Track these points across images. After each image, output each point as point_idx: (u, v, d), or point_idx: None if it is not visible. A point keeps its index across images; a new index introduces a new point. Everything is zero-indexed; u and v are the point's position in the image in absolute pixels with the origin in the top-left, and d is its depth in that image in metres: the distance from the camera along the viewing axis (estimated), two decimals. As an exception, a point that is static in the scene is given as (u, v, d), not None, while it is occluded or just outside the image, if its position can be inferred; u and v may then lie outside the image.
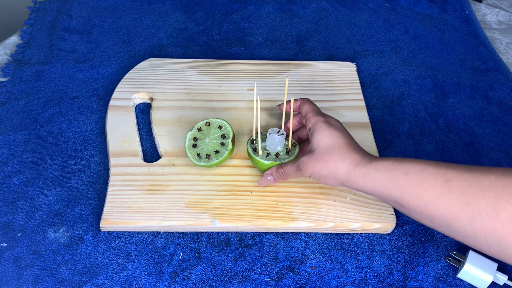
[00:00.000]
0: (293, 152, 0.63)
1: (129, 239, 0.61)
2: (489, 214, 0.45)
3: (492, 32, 0.98)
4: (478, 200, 0.46)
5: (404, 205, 0.52)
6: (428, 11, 1.01)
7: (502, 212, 0.44)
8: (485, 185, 0.46)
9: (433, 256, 0.60)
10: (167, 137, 0.70)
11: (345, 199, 0.63)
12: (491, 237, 0.46)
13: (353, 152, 0.56)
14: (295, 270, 0.58)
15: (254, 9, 0.99)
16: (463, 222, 0.47)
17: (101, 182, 0.66)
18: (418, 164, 0.51)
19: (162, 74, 0.80)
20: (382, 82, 0.84)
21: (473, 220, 0.47)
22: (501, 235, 0.45)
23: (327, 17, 0.98)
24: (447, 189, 0.48)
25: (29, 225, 0.61)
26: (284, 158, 0.63)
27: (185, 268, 0.58)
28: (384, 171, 0.53)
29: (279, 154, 0.63)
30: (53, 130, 0.73)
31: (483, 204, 0.46)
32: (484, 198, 0.46)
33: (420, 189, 0.50)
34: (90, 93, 0.79)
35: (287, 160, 0.62)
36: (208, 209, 0.61)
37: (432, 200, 0.49)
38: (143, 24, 0.94)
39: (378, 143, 0.72)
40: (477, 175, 0.47)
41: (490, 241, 0.46)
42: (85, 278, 0.57)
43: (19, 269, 0.57)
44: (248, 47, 0.90)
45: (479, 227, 0.46)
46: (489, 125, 0.77)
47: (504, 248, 0.45)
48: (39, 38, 0.89)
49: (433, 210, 0.49)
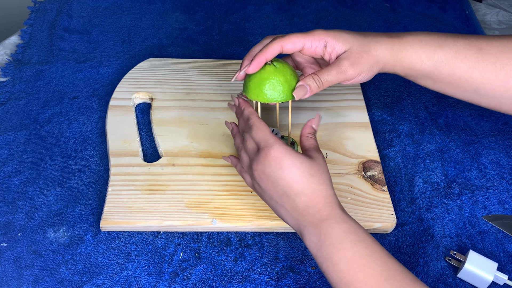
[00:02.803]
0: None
1: (129, 239, 0.61)
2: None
3: (492, 32, 0.98)
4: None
5: (436, 78, 0.56)
6: (428, 11, 1.01)
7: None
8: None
9: (433, 256, 0.60)
10: (167, 137, 0.70)
11: (345, 199, 0.63)
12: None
13: (378, 36, 0.57)
14: (295, 270, 0.58)
15: (254, 9, 0.99)
16: (495, 84, 0.53)
17: (101, 182, 0.66)
18: (449, 37, 0.55)
19: (162, 74, 0.80)
20: (382, 82, 0.84)
21: (506, 82, 0.53)
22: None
23: (327, 17, 0.98)
24: (481, 56, 0.53)
25: (29, 225, 0.61)
26: None
27: (185, 268, 0.58)
28: (419, 47, 0.55)
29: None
30: (53, 130, 0.73)
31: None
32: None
33: (456, 60, 0.54)
34: (90, 93, 0.79)
35: None
36: (208, 209, 0.61)
37: (467, 69, 0.54)
38: (143, 24, 0.94)
39: (378, 143, 0.72)
40: (506, 41, 0.53)
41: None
42: (85, 278, 0.57)
43: (19, 269, 0.57)
44: (248, 47, 0.90)
45: (511, 87, 0.53)
46: (489, 125, 0.77)
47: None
48: (39, 38, 0.89)
49: (466, 78, 0.54)
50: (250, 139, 0.54)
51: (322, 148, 0.69)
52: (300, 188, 0.50)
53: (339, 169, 0.67)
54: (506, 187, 0.68)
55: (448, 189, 0.67)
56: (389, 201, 0.63)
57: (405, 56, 0.56)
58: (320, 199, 0.50)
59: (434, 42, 0.55)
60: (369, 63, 0.55)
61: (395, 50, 0.56)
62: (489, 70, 0.54)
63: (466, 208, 0.65)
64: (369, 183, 0.65)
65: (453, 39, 0.55)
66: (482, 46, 0.54)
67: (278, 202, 0.51)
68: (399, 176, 0.69)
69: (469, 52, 0.54)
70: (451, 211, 0.65)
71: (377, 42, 0.56)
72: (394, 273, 0.45)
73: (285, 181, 0.50)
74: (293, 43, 0.55)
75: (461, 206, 0.65)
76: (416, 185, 0.68)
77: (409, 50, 0.55)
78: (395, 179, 0.68)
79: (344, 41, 0.55)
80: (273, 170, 0.50)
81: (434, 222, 0.64)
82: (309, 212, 0.49)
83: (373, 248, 0.47)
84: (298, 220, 0.50)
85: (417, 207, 0.65)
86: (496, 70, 0.54)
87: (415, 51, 0.55)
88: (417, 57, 0.55)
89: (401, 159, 0.71)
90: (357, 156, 0.68)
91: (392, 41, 0.56)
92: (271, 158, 0.51)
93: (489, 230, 0.63)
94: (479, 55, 0.54)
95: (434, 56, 0.55)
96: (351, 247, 0.46)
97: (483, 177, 0.69)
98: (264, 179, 0.51)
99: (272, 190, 0.51)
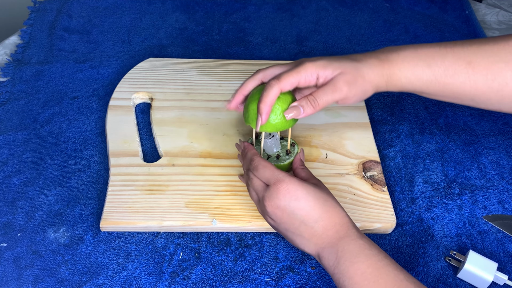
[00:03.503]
0: (293, 153, 0.63)
1: (129, 239, 0.61)
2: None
3: (492, 32, 0.98)
4: (504, 72, 0.52)
5: (429, 94, 0.57)
6: (428, 11, 1.01)
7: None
8: (508, 58, 0.51)
9: (433, 256, 0.60)
10: (167, 137, 0.70)
11: (345, 199, 0.63)
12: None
13: (367, 58, 0.57)
14: (295, 270, 0.58)
15: (254, 9, 0.99)
16: (490, 95, 0.53)
17: (101, 182, 0.66)
18: (437, 53, 0.55)
19: (162, 74, 0.80)
20: (382, 82, 0.84)
21: (501, 91, 0.53)
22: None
23: (327, 17, 0.98)
24: (471, 70, 0.53)
25: (29, 225, 0.61)
26: (285, 159, 0.63)
27: (185, 268, 0.58)
28: (408, 68, 0.56)
29: (280, 156, 0.63)
30: (53, 130, 0.73)
31: (510, 75, 0.51)
32: (510, 70, 0.51)
33: (445, 78, 0.54)
34: (90, 93, 0.79)
35: (288, 161, 0.62)
36: (208, 209, 0.61)
37: (459, 84, 0.54)
38: (143, 24, 0.94)
39: (378, 143, 0.72)
40: (496, 49, 0.52)
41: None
42: (85, 278, 0.57)
43: (19, 269, 0.57)
44: (248, 47, 0.90)
45: (506, 95, 0.53)
46: (489, 125, 0.77)
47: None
48: (39, 38, 0.89)
49: (459, 92, 0.54)
50: (256, 179, 0.55)
51: (322, 148, 0.69)
52: (318, 214, 0.51)
53: (339, 169, 0.67)
54: (506, 187, 0.68)
55: (448, 189, 0.67)
56: (389, 202, 0.63)
57: (395, 79, 0.56)
58: (337, 220, 0.51)
59: (422, 62, 0.55)
60: (364, 87, 0.56)
61: (386, 74, 0.56)
62: (481, 82, 0.53)
63: (466, 208, 0.65)
64: (369, 183, 0.65)
65: (441, 56, 0.55)
66: (471, 59, 0.53)
67: (295, 233, 0.52)
68: (399, 176, 0.69)
69: (458, 68, 0.54)
70: (451, 211, 0.65)
71: (369, 68, 0.56)
72: (406, 283, 0.47)
73: (303, 211, 0.51)
74: (290, 84, 0.56)
75: (461, 206, 0.65)
76: (416, 185, 0.68)
77: (398, 73, 0.56)
78: (395, 179, 0.68)
79: (334, 68, 0.55)
80: (289, 202, 0.51)
81: (434, 222, 0.63)
82: (328, 234, 0.51)
83: (386, 261, 0.49)
84: (316, 244, 0.51)
85: (417, 207, 0.65)
86: (488, 82, 0.53)
87: (403, 75, 0.56)
88: (407, 80, 0.56)
89: (401, 159, 0.71)
90: (357, 157, 0.68)
91: (382, 65, 0.56)
92: (284, 191, 0.52)
93: (489, 230, 0.63)
94: (469, 69, 0.53)
95: (423, 76, 0.55)
96: (365, 260, 0.48)
97: (483, 177, 0.69)
98: (279, 213, 0.52)
99: (288, 222, 0.52)
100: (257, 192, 0.55)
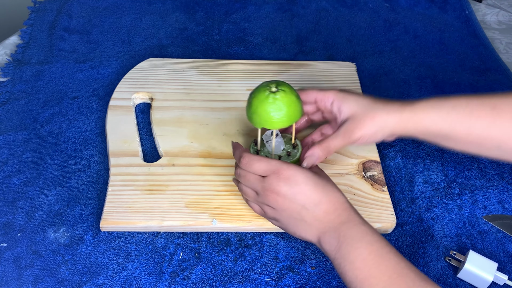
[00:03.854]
0: (294, 154, 0.63)
1: (129, 239, 0.61)
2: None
3: (492, 32, 0.98)
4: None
5: (454, 138, 0.56)
6: (428, 11, 1.01)
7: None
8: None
9: (433, 256, 0.60)
10: (167, 137, 0.70)
11: (345, 199, 0.63)
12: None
13: (390, 103, 0.58)
14: (295, 270, 0.58)
15: (254, 9, 0.99)
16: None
17: (101, 182, 0.66)
18: (462, 98, 0.56)
19: (162, 74, 0.80)
20: (382, 82, 0.84)
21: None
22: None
23: (327, 17, 0.98)
24: (496, 114, 0.53)
25: (29, 225, 0.61)
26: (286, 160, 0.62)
27: (185, 268, 0.58)
28: (432, 110, 0.56)
29: (281, 157, 0.63)
30: (53, 130, 0.73)
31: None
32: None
33: (470, 120, 0.54)
34: (90, 93, 0.79)
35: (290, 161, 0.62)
36: (208, 209, 0.61)
37: (484, 128, 0.53)
38: (143, 24, 0.94)
39: (378, 143, 0.72)
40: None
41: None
42: (85, 278, 0.57)
43: (19, 269, 0.57)
44: (248, 47, 0.90)
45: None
46: (489, 125, 0.76)
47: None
48: (39, 38, 0.89)
49: (484, 137, 0.54)
50: (250, 174, 0.55)
51: (322, 148, 0.69)
52: (318, 198, 0.52)
53: (339, 169, 0.67)
54: (506, 187, 0.68)
55: (448, 189, 0.67)
56: (389, 201, 0.63)
57: (418, 120, 0.56)
58: (338, 205, 0.52)
59: (447, 104, 0.56)
60: (373, 129, 0.57)
61: (406, 117, 0.57)
62: (506, 126, 0.53)
63: (466, 208, 0.65)
64: (369, 183, 0.65)
65: (466, 100, 0.56)
66: (496, 104, 0.54)
67: (297, 218, 0.53)
68: (399, 176, 0.69)
69: (483, 111, 0.54)
70: (451, 211, 0.65)
71: (386, 110, 0.57)
72: (407, 271, 0.47)
73: (303, 195, 0.52)
74: (307, 96, 0.62)
75: (461, 206, 0.65)
76: (416, 185, 0.68)
77: (421, 114, 0.56)
78: (395, 179, 0.68)
79: (349, 105, 0.59)
80: (289, 188, 0.52)
81: (434, 222, 0.64)
82: (330, 218, 0.51)
83: (387, 249, 0.49)
84: (318, 229, 0.52)
85: (417, 207, 0.65)
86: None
87: (427, 115, 0.56)
88: (430, 120, 0.56)
89: (401, 159, 0.71)
90: (357, 156, 0.68)
91: (402, 109, 0.57)
92: (284, 178, 0.52)
93: (489, 230, 0.63)
94: (494, 112, 0.54)
95: (448, 117, 0.55)
96: (367, 246, 0.49)
97: (483, 177, 0.69)
98: (280, 200, 0.53)
99: (289, 208, 0.53)
100: (253, 187, 0.55)
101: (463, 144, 0.56)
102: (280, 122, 0.57)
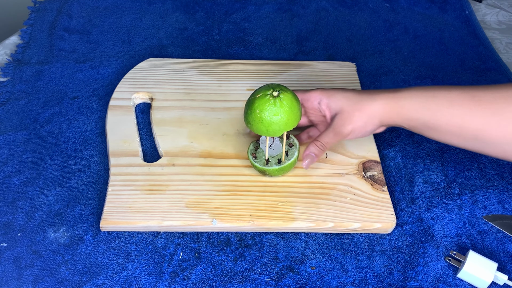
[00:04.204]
0: (292, 153, 0.64)
1: (129, 239, 0.61)
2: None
3: (492, 32, 0.98)
4: (508, 108, 0.53)
5: (435, 127, 0.57)
6: (428, 11, 1.01)
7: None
8: (509, 96, 0.53)
9: (433, 256, 0.60)
10: (167, 137, 0.70)
11: (345, 199, 0.63)
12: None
13: (375, 93, 0.61)
14: (295, 270, 0.58)
15: (254, 9, 0.99)
16: (492, 131, 0.54)
17: (101, 182, 0.66)
18: (444, 87, 0.58)
19: (162, 74, 0.80)
20: (382, 82, 0.84)
21: (505, 127, 0.53)
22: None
23: (327, 17, 0.98)
24: (476, 103, 0.54)
25: (29, 225, 0.61)
26: (285, 161, 0.63)
27: (185, 268, 0.58)
28: (414, 97, 0.58)
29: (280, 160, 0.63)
30: (53, 130, 0.73)
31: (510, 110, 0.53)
32: None
33: (450, 108, 0.56)
34: (90, 93, 0.79)
35: (289, 162, 0.62)
36: (208, 209, 0.61)
37: (463, 116, 0.55)
38: (143, 24, 0.94)
39: (378, 143, 0.72)
40: (500, 89, 0.54)
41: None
42: (85, 278, 0.57)
43: (19, 269, 0.57)
44: (248, 47, 0.90)
45: (510, 132, 0.53)
46: (489, 125, 0.76)
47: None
48: (39, 38, 0.89)
49: (463, 125, 0.55)
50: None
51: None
52: None
53: (339, 169, 0.67)
54: (506, 187, 0.68)
55: (448, 189, 0.67)
56: (389, 201, 0.63)
57: (401, 107, 0.59)
58: None
59: (428, 93, 0.58)
60: (362, 120, 0.60)
61: (391, 104, 0.59)
62: (484, 114, 0.54)
63: (466, 208, 0.65)
64: (369, 183, 0.65)
65: (447, 89, 0.57)
66: (476, 94, 0.55)
67: None
68: (399, 176, 0.69)
69: (463, 100, 0.56)
70: (451, 211, 0.65)
71: (371, 99, 0.60)
72: None
73: None
74: None
75: (461, 206, 0.65)
76: (416, 185, 0.68)
77: (403, 101, 0.58)
78: (395, 179, 0.68)
79: (336, 101, 0.62)
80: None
81: (434, 222, 0.64)
82: None
83: None
84: None
85: (417, 207, 0.65)
86: (491, 116, 0.54)
87: (410, 103, 0.58)
88: (413, 107, 0.58)
89: (401, 159, 0.71)
90: (357, 156, 0.68)
91: (387, 96, 0.59)
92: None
93: (489, 230, 0.63)
94: (473, 100, 0.55)
95: (429, 105, 0.57)
96: None
97: (483, 177, 0.69)
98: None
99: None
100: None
101: (445, 134, 0.58)
102: (280, 131, 0.59)
